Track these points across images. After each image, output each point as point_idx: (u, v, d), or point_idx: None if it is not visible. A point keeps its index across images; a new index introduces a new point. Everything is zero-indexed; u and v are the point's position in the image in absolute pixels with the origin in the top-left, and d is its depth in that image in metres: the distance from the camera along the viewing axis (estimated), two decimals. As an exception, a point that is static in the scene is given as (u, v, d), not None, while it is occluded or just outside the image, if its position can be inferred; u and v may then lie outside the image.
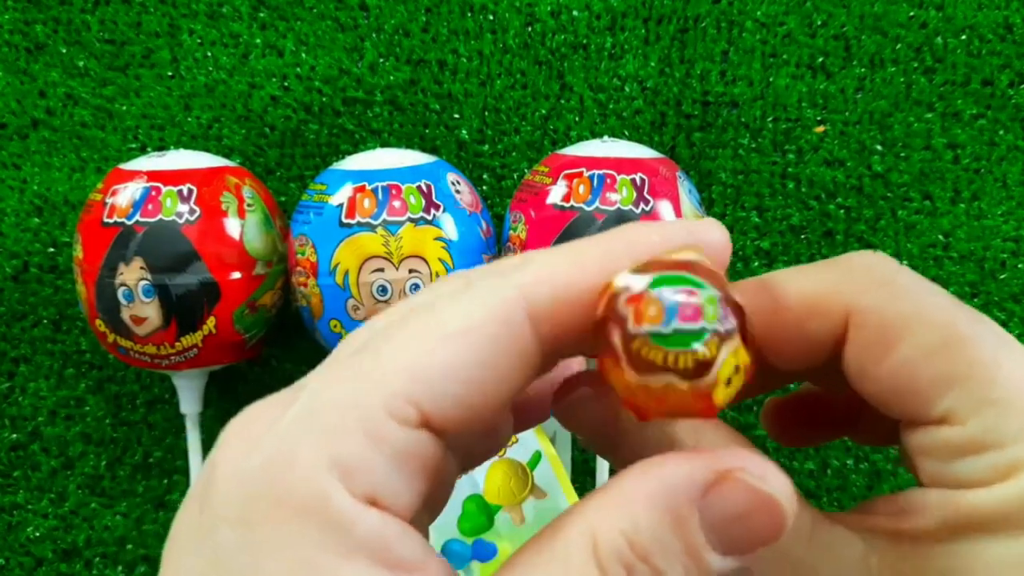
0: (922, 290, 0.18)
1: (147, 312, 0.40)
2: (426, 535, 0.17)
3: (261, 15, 0.50)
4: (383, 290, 0.39)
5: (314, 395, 0.16)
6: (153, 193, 0.40)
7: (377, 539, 0.15)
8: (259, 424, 0.16)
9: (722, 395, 0.15)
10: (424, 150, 0.45)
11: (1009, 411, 0.17)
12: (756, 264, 0.47)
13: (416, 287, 0.39)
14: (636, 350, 0.15)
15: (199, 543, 0.15)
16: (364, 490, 0.15)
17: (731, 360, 0.15)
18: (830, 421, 0.23)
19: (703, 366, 0.15)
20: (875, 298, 0.18)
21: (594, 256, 0.17)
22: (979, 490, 0.17)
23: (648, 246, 0.17)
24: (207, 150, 0.46)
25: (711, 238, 0.17)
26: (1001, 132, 0.47)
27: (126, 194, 0.40)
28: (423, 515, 0.17)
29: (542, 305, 0.16)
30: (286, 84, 0.49)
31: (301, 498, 0.15)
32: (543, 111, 0.49)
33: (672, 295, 0.15)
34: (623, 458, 0.19)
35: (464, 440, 0.18)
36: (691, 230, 0.17)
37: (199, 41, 0.50)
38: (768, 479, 0.16)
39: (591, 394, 0.19)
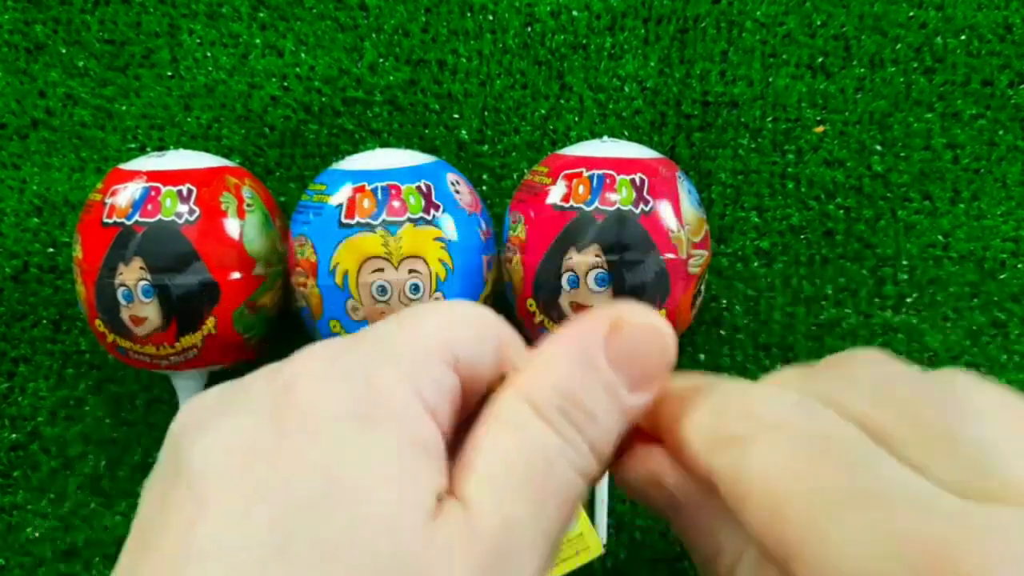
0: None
1: (147, 312, 0.40)
2: None
3: (261, 15, 0.50)
4: (383, 290, 0.39)
5: (379, 339, 0.19)
6: (153, 193, 0.40)
7: (432, 440, 0.18)
8: (330, 352, 0.19)
9: None
10: (424, 150, 0.45)
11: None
12: (756, 264, 0.47)
13: (416, 287, 0.39)
14: None
15: (287, 439, 0.17)
16: (428, 404, 0.19)
17: None
18: None
19: None
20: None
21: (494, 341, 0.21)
22: None
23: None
24: (207, 150, 0.46)
25: None
26: (1001, 132, 0.47)
27: (126, 194, 0.40)
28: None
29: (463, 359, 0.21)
30: (286, 84, 0.49)
31: (383, 400, 0.18)
32: (543, 111, 0.49)
33: None
34: (682, 523, 0.23)
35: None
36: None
37: (199, 41, 0.50)
38: (651, 317, 0.20)
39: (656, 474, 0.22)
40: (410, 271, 0.39)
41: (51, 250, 0.49)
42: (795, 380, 0.20)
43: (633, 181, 0.40)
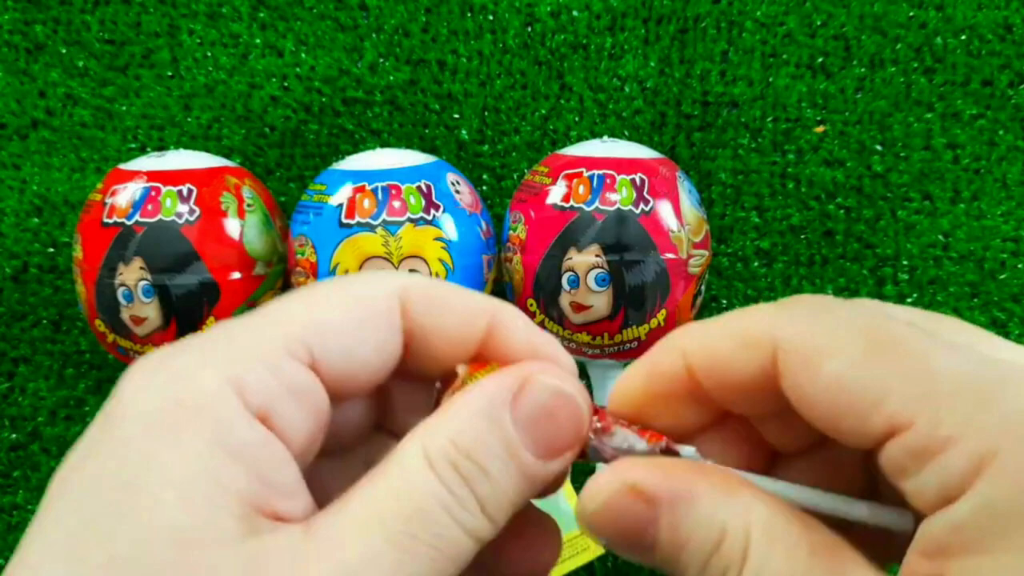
0: (844, 308, 0.18)
1: (147, 312, 0.40)
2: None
3: (261, 15, 0.50)
4: (383, 290, 0.39)
5: (217, 331, 0.18)
6: (153, 193, 0.40)
7: (257, 451, 0.17)
8: (163, 356, 0.18)
9: None
10: (424, 150, 0.45)
11: (953, 401, 0.16)
12: (756, 264, 0.47)
13: (416, 287, 0.39)
14: None
15: (100, 444, 0.16)
16: (257, 405, 0.17)
17: None
18: None
19: None
20: (798, 323, 0.18)
21: (465, 292, 0.20)
22: (937, 518, 0.16)
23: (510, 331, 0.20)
24: (207, 150, 0.46)
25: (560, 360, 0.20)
26: (1001, 132, 0.47)
27: (126, 194, 0.40)
28: (305, 453, 0.19)
29: (416, 307, 0.19)
30: (286, 84, 0.49)
31: (198, 400, 0.17)
32: (543, 111, 0.49)
33: None
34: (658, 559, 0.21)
35: (344, 409, 0.21)
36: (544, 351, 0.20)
37: (199, 41, 0.50)
38: (566, 383, 0.19)
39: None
40: (410, 271, 0.39)
41: (51, 250, 0.49)
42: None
43: (633, 181, 0.40)
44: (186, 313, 0.40)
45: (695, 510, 0.18)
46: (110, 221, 0.40)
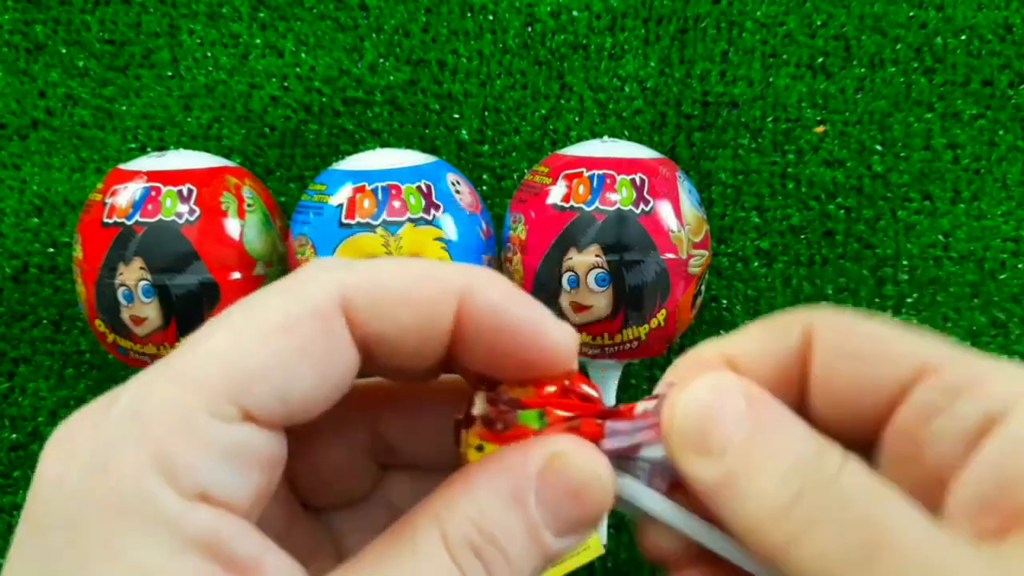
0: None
1: (147, 312, 0.40)
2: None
3: (261, 15, 0.50)
4: (383, 290, 0.39)
5: (134, 398, 0.16)
6: (153, 193, 0.40)
7: (209, 535, 0.15)
8: (79, 431, 0.16)
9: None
10: (424, 150, 0.45)
11: (980, 356, 0.17)
12: (756, 264, 0.47)
13: (416, 287, 0.39)
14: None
15: (27, 553, 0.15)
16: (192, 488, 0.15)
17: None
18: None
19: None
20: (827, 311, 0.19)
21: (422, 271, 0.18)
22: (993, 442, 0.16)
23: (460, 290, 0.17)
24: (207, 150, 0.46)
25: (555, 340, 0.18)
26: (1001, 132, 0.47)
27: (126, 194, 0.40)
28: (258, 506, 0.17)
29: (362, 311, 0.17)
30: (286, 84, 0.49)
31: (124, 499, 0.14)
32: (543, 111, 0.49)
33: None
34: None
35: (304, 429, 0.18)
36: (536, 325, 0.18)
37: (199, 41, 0.50)
38: (594, 461, 0.18)
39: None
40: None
41: (51, 250, 0.49)
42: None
43: (633, 181, 0.40)
44: (186, 313, 0.40)
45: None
46: (110, 221, 0.40)
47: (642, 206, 0.39)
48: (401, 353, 0.18)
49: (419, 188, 0.40)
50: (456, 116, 0.49)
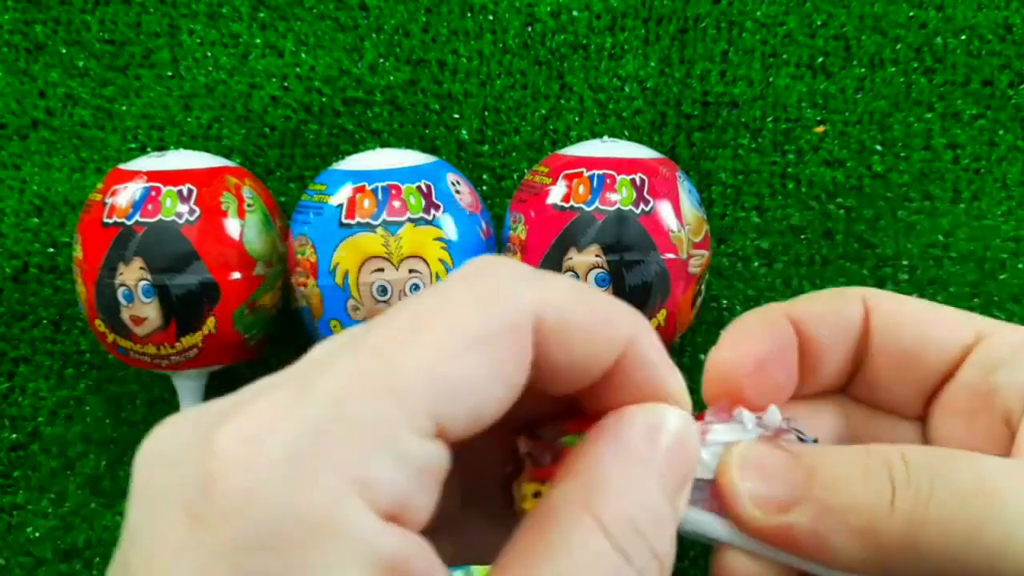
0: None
1: (147, 312, 0.40)
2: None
3: (261, 15, 0.50)
4: (383, 290, 0.39)
5: (331, 406, 0.15)
6: (153, 193, 0.40)
7: (397, 558, 0.14)
8: (262, 432, 0.15)
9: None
10: (424, 150, 0.45)
11: None
12: (756, 264, 0.47)
13: (416, 287, 0.39)
14: None
15: (209, 567, 0.14)
16: (387, 508, 0.14)
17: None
18: None
19: None
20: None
21: (608, 308, 0.17)
22: None
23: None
24: (207, 150, 0.46)
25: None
26: (1001, 132, 0.47)
27: (126, 194, 0.40)
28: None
29: (551, 326, 0.16)
30: (286, 84, 0.49)
31: (322, 519, 0.14)
32: (543, 111, 0.49)
33: None
34: None
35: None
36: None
37: (199, 41, 0.50)
38: (691, 427, 0.18)
39: None
40: (410, 271, 0.39)
41: (51, 250, 0.49)
42: None
43: (633, 181, 0.40)
44: (186, 313, 0.40)
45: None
46: (110, 221, 0.40)
47: (642, 206, 0.39)
48: (546, 380, 0.17)
49: (419, 188, 0.40)
50: (456, 116, 0.49)
